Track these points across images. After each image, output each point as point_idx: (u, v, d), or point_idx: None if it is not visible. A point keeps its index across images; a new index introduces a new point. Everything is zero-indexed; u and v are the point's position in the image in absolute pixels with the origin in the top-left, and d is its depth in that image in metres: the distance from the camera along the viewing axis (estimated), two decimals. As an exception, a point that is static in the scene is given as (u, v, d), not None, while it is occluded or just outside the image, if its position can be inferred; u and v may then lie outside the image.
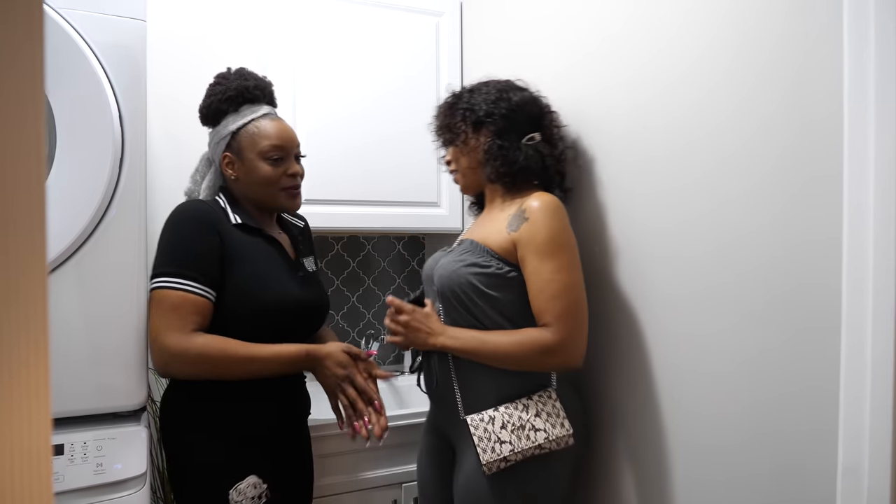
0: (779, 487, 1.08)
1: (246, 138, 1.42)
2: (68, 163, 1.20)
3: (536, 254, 1.33)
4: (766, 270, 1.10)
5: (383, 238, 2.46)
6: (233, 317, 1.34)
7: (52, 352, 1.23)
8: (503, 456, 1.31)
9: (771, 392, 1.10)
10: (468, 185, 1.55)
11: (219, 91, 1.43)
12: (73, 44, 1.19)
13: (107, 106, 1.22)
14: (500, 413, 1.34)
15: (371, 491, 1.79)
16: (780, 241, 1.07)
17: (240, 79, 1.45)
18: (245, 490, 1.33)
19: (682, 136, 1.27)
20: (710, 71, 1.20)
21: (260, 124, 1.43)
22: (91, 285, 1.27)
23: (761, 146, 1.10)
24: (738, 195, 1.15)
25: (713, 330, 1.21)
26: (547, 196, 1.38)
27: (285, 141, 1.44)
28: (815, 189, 1.01)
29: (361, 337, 2.36)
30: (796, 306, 1.05)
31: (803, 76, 1.03)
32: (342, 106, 2.01)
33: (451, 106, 1.51)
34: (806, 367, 1.03)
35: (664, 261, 1.33)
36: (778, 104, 1.07)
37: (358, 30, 2.04)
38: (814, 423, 1.02)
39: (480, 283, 1.36)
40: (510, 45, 1.91)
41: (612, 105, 1.47)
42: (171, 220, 1.36)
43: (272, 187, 1.43)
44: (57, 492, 1.21)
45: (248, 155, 1.42)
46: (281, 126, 1.45)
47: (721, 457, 1.20)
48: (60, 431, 1.24)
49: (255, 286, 1.36)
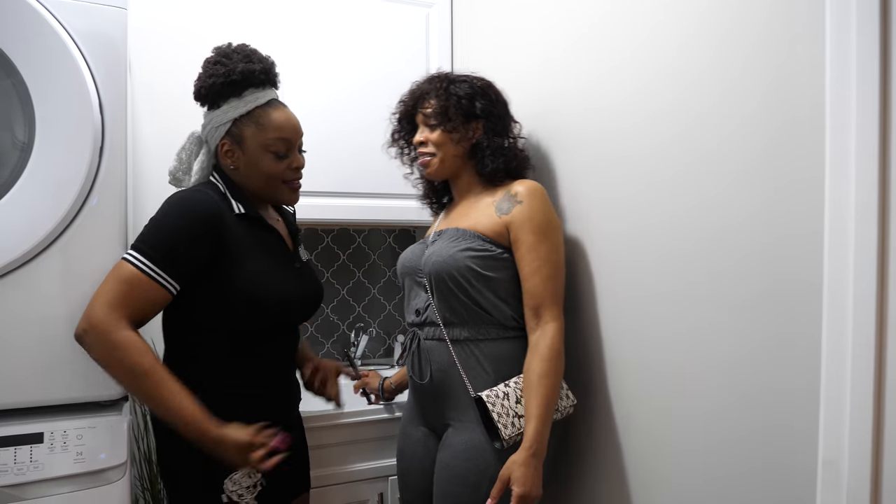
0: (760, 484, 1.08)
1: (249, 127, 1.34)
2: (47, 150, 1.20)
3: (533, 233, 1.40)
4: (746, 267, 1.09)
5: (374, 231, 2.45)
6: (230, 312, 1.30)
7: (34, 339, 1.24)
8: (521, 430, 1.34)
9: (751, 389, 1.09)
10: (442, 171, 1.55)
11: (220, 72, 1.32)
12: (52, 31, 1.19)
13: (86, 94, 1.22)
14: (513, 388, 1.38)
15: (357, 483, 1.80)
16: (760, 238, 1.07)
17: (244, 61, 1.34)
18: (240, 480, 1.32)
19: (662, 132, 1.26)
20: (690, 66, 1.19)
21: (265, 113, 1.35)
22: (73, 272, 1.26)
23: (742, 141, 1.09)
24: (717, 192, 1.14)
25: (692, 327, 1.21)
26: (534, 182, 1.48)
27: (292, 133, 1.38)
28: (796, 185, 1.00)
29: (351, 330, 2.36)
30: (777, 303, 1.04)
31: (785, 71, 1.02)
32: (330, 93, 2.00)
33: (445, 90, 1.51)
34: (787, 363, 1.03)
35: (641, 258, 1.33)
36: (759, 99, 1.06)
37: (346, 18, 2.03)
38: (795, 419, 1.01)
39: (477, 266, 1.40)
40: (500, 36, 1.90)
41: (593, 99, 1.46)
42: (173, 206, 1.28)
43: (274, 181, 1.37)
44: (36, 480, 1.21)
45: (251, 145, 1.34)
46: (287, 116, 1.38)
47: (702, 457, 1.20)
48: (40, 420, 1.25)
49: (256, 285, 1.31)
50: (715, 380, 1.16)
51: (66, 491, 1.23)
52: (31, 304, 1.23)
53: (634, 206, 1.35)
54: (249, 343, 1.35)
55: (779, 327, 1.04)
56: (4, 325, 1.21)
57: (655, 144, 1.28)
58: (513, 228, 1.42)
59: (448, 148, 1.51)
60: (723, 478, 1.15)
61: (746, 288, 1.09)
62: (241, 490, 1.31)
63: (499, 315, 1.43)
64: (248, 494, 1.32)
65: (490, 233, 1.43)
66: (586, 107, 1.49)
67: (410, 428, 1.58)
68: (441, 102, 1.50)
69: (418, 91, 1.57)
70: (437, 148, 1.52)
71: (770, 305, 1.05)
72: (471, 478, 1.37)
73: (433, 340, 1.47)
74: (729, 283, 1.13)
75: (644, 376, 1.33)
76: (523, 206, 1.41)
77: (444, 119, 1.50)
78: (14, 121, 1.20)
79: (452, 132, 1.50)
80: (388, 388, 1.81)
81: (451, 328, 1.44)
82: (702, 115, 1.17)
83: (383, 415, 1.82)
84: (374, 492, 1.82)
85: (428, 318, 1.48)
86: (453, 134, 1.50)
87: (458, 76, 1.56)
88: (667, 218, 1.25)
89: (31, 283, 1.23)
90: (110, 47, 1.25)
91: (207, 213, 1.27)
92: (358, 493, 1.80)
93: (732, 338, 1.12)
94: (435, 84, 1.54)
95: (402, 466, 1.60)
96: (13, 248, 1.19)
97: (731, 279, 1.12)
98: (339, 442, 1.78)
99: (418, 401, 1.55)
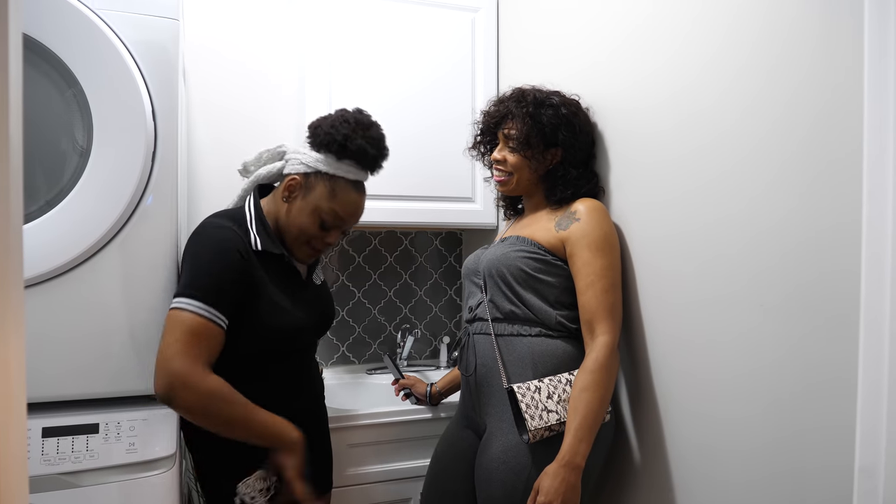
0: (797, 489, 1.04)
1: (322, 187, 1.36)
2: (104, 154, 1.26)
3: (589, 248, 1.41)
4: (784, 269, 1.06)
5: (421, 233, 2.47)
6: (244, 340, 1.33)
7: (92, 334, 1.29)
8: (549, 424, 1.34)
9: (788, 392, 1.06)
10: (516, 190, 1.59)
11: (342, 131, 1.36)
12: (109, 43, 1.25)
13: (140, 101, 1.28)
14: (546, 384, 1.38)
15: (397, 482, 1.82)
16: (798, 239, 1.03)
17: (367, 140, 1.38)
18: (253, 483, 1.34)
19: (699, 136, 1.24)
20: (729, 66, 1.17)
21: (346, 187, 1.38)
22: (130, 269, 1.32)
23: (778, 141, 1.06)
24: (757, 195, 1.12)
25: (732, 332, 1.18)
26: (594, 201, 1.49)
27: (349, 217, 1.41)
28: (830, 184, 0.97)
29: (398, 331, 2.39)
30: (812, 305, 1.01)
31: (820, 68, 0.99)
32: (378, 102, 2.02)
33: (531, 115, 1.50)
34: (823, 366, 0.99)
35: (682, 263, 1.30)
36: (793, 98, 1.03)
37: (394, 26, 2.06)
38: (831, 423, 0.98)
39: (528, 267, 1.43)
40: (544, 41, 1.89)
41: (639, 100, 1.44)
42: (206, 246, 1.30)
43: (304, 238, 1.40)
44: (91, 468, 1.27)
45: (312, 200, 1.37)
46: (358, 204, 1.41)
47: (738, 459, 1.17)
48: (96, 411, 1.31)
49: (266, 317, 1.34)
50: (751, 385, 1.13)
51: (118, 479, 1.29)
52: (90, 301, 1.29)
53: (676, 209, 1.32)
54: (261, 366, 1.38)
55: (816, 330, 1.00)
56: (65, 320, 1.27)
57: (693, 147, 1.26)
58: (569, 244, 1.43)
59: (524, 172, 1.54)
60: (759, 480, 1.11)
61: (785, 290, 1.06)
62: (253, 493, 1.32)
63: (544, 317, 1.44)
64: (260, 497, 1.32)
65: (546, 244, 1.46)
66: (635, 105, 1.47)
67: (455, 429, 1.61)
68: (525, 129, 1.50)
69: (504, 109, 1.56)
70: (513, 169, 1.55)
71: (807, 308, 1.02)
72: (507, 481, 1.37)
73: (481, 335, 1.50)
74: (767, 287, 1.10)
75: (687, 383, 1.31)
76: (581, 223, 1.43)
77: (524, 146, 1.51)
78: (74, 127, 1.27)
79: (531, 159, 1.51)
80: (434, 394, 1.84)
81: (497, 323, 1.48)
82: (745, 110, 1.14)
83: (420, 415, 1.84)
84: (416, 491, 1.83)
85: (478, 314, 1.52)
86: (531, 161, 1.51)
87: (548, 98, 1.53)
88: (712, 221, 1.23)
89: (91, 279, 1.29)
90: (163, 57, 1.31)
91: (239, 250, 1.30)
92: (400, 492, 1.82)
93: (770, 341, 1.09)
94: (522, 107, 1.52)
95: (436, 465, 1.61)
96: (73, 246, 1.26)
97: (769, 282, 1.09)
98: (370, 441, 1.80)
99: (464, 397, 1.58)
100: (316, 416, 1.54)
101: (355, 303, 2.38)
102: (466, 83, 2.13)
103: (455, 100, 2.11)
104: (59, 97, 1.26)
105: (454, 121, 2.08)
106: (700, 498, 1.28)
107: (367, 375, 2.25)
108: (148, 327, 1.33)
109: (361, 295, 2.39)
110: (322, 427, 1.56)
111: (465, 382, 1.57)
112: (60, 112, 1.27)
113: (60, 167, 1.27)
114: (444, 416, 1.85)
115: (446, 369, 2.33)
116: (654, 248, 1.41)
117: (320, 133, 1.38)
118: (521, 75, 1.99)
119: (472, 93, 2.13)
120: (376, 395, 2.15)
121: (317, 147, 1.38)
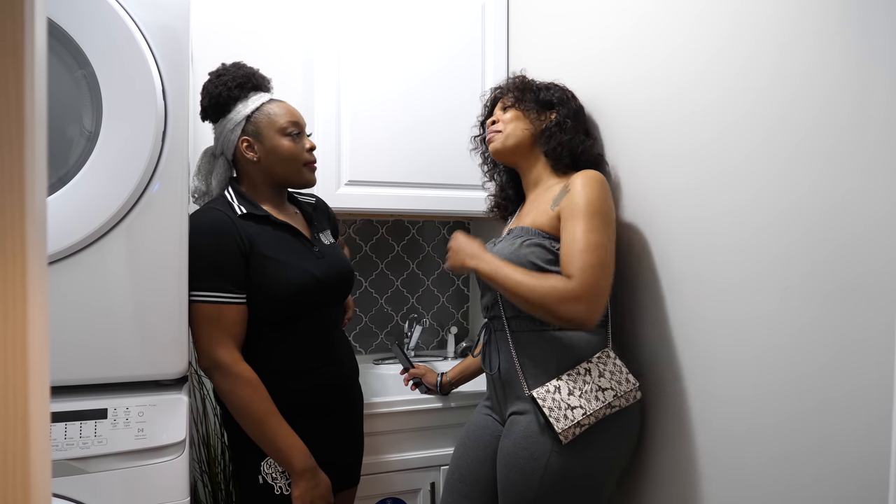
0: (829, 490, 1.03)
1: (263, 119, 1.46)
2: (113, 137, 1.24)
3: (572, 217, 1.36)
4: (813, 256, 1.04)
5: (428, 222, 2.45)
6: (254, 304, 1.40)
7: (99, 319, 1.28)
8: (577, 421, 1.32)
9: (817, 364, 1.04)
10: (506, 148, 1.56)
11: (226, 80, 1.46)
12: (122, 23, 1.23)
13: (151, 82, 1.25)
14: (564, 382, 1.36)
15: (409, 472, 1.81)
16: (799, 229, 1.01)
17: (242, 68, 1.50)
18: (275, 464, 1.37)
19: (711, 125, 1.22)
20: (739, 51, 1.14)
21: (271, 106, 1.49)
22: (136, 254, 1.30)
23: (785, 132, 1.04)
24: (765, 184, 1.09)
25: (756, 316, 1.16)
26: (591, 171, 1.44)
27: (299, 118, 1.51)
28: (848, 167, 0.95)
29: (405, 321, 2.37)
30: (848, 293, 0.99)
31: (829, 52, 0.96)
32: (387, 87, 2.01)
33: (523, 80, 1.59)
34: (860, 357, 0.97)
35: (714, 241, 1.28)
36: (796, 91, 1.00)
37: (402, 10, 2.03)
38: (867, 422, 0.96)
39: (539, 260, 1.40)
40: (556, 23, 1.86)
41: (657, 87, 1.42)
42: (194, 236, 1.35)
43: (296, 163, 1.48)
44: (99, 454, 1.26)
45: (268, 133, 1.46)
46: (290, 106, 1.52)
47: (759, 438, 1.15)
48: (104, 396, 1.29)
49: (274, 273, 1.39)
50: (771, 363, 1.11)
51: (127, 465, 1.27)
52: (96, 285, 1.27)
53: (697, 195, 1.30)
54: (282, 329, 1.43)
55: (852, 319, 0.98)
56: (71, 304, 1.25)
57: (704, 139, 1.24)
58: (562, 218, 1.40)
59: (517, 124, 1.54)
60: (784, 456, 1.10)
61: (801, 272, 1.05)
62: (275, 474, 1.38)
63: None
64: (281, 479, 1.38)
65: (547, 228, 1.43)
66: (648, 96, 1.45)
67: (480, 415, 1.60)
68: (517, 92, 1.57)
69: (499, 90, 1.64)
70: (505, 125, 1.56)
71: (839, 296, 1.00)
72: (526, 467, 1.36)
73: (501, 332, 1.49)
74: (785, 269, 1.08)
75: (716, 366, 1.29)
76: (570, 195, 1.39)
77: (518, 101, 1.55)
78: (83, 111, 1.25)
79: (525, 111, 1.54)
80: (445, 384, 1.82)
81: (513, 320, 1.46)
82: (757, 100, 1.12)
83: (434, 404, 1.83)
84: (426, 481, 1.82)
85: (494, 313, 1.51)
86: (525, 113, 1.54)
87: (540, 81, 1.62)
88: (730, 207, 1.21)
89: (97, 264, 1.27)
90: (174, 37, 1.28)
91: (226, 224, 1.38)
92: (410, 482, 1.81)
93: (792, 327, 1.08)
94: (517, 80, 1.60)
95: (459, 450, 1.60)
96: (79, 229, 1.23)
97: (788, 264, 1.08)
98: (391, 430, 1.79)
99: (490, 391, 1.58)
100: (348, 397, 1.55)
101: (362, 292, 2.36)
102: (476, 68, 2.10)
103: (464, 85, 2.08)
104: (68, 78, 1.23)
105: (463, 106, 2.06)
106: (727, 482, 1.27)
107: (374, 365, 2.24)
108: (155, 314, 1.31)
109: (368, 284, 2.37)
110: (355, 411, 1.58)
111: (489, 377, 1.57)
112: (70, 93, 1.24)
113: (67, 148, 1.25)
114: (454, 405, 1.84)
115: (454, 360, 2.32)
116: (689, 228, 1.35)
117: (213, 102, 1.47)
118: (532, 60, 1.96)
119: (481, 78, 2.11)
120: (384, 384, 2.14)
121: (223, 114, 1.48)
